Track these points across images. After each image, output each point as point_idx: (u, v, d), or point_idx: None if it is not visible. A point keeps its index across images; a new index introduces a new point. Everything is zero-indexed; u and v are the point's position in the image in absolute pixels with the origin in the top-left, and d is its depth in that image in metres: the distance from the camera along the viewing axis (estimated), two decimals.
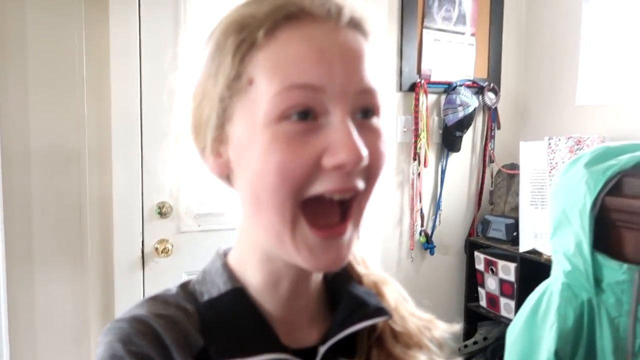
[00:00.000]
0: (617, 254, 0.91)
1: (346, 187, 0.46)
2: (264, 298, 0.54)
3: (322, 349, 0.53)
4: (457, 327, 0.61)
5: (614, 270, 0.89)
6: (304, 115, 0.45)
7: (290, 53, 0.45)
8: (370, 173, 0.48)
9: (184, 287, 0.56)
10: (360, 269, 0.62)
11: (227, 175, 0.52)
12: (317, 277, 0.57)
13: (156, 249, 1.90)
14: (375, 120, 0.49)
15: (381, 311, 0.56)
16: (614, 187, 0.92)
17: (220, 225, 1.96)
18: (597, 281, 0.92)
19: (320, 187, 0.46)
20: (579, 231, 0.93)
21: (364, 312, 0.55)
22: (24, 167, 1.69)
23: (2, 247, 1.63)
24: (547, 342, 0.95)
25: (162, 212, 1.90)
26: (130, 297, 1.86)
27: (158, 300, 0.53)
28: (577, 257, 0.94)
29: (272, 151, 0.45)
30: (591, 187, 0.92)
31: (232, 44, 0.47)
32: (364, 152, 0.45)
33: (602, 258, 0.91)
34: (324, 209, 0.48)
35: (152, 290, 0.53)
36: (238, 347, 0.50)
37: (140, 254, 1.89)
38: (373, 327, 0.57)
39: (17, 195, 1.68)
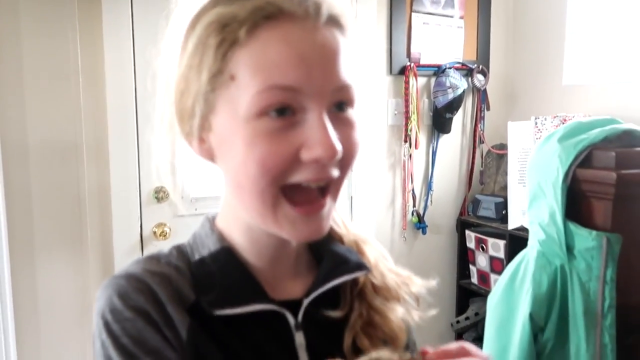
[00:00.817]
0: (587, 223, 0.97)
1: (322, 177, 0.51)
2: (250, 257, 0.58)
3: (306, 301, 0.57)
4: (433, 282, 0.66)
5: (584, 238, 0.94)
6: (282, 112, 0.49)
7: (270, 54, 0.48)
8: (345, 162, 0.52)
9: (177, 248, 0.60)
10: (340, 230, 0.66)
11: (211, 158, 0.56)
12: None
13: (154, 232, 1.96)
14: (350, 112, 0.53)
15: (361, 266, 0.60)
16: (585, 159, 0.97)
17: (218, 209, 2.01)
18: (569, 248, 0.97)
19: (298, 177, 0.50)
20: (553, 202, 0.98)
21: (345, 267, 0.59)
22: (23, 159, 1.73)
23: (5, 236, 1.68)
24: (523, 306, 1.00)
25: (159, 196, 1.96)
26: None
27: (152, 258, 0.57)
28: (550, 226, 0.99)
29: (253, 145, 0.49)
30: (563, 161, 0.98)
31: (215, 41, 0.49)
32: (339, 147, 0.49)
33: (573, 226, 0.96)
34: (302, 189, 0.52)
35: None
36: (228, 299, 0.54)
37: (139, 238, 1.94)
38: (355, 282, 0.61)
39: (18, 186, 1.73)
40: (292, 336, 0.56)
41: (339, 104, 0.52)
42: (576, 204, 0.98)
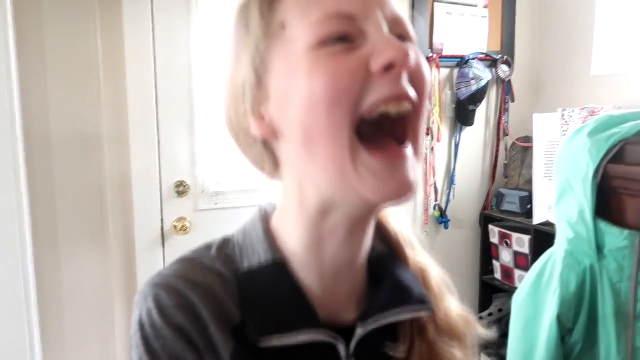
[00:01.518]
0: (618, 221, 0.93)
1: (399, 93, 0.45)
2: (307, 268, 0.52)
3: (360, 331, 0.51)
4: (494, 334, 0.60)
5: (615, 237, 0.90)
6: (342, 39, 0.45)
7: None
8: (418, 83, 0.46)
9: (223, 248, 0.54)
10: (409, 251, 0.60)
11: (274, 134, 0.50)
12: (363, 251, 0.54)
13: (175, 227, 1.96)
14: (411, 44, 0.49)
15: (424, 303, 0.54)
16: (616, 155, 0.93)
17: (237, 203, 2.01)
18: (599, 248, 0.93)
19: (373, 96, 0.44)
20: (582, 199, 0.94)
21: (406, 298, 0.54)
22: (46, 152, 1.75)
23: (28, 228, 1.70)
24: (550, 307, 0.97)
25: (180, 190, 1.96)
26: (151, 273, 1.93)
27: (196, 263, 0.52)
28: (579, 224, 0.95)
29: (317, 69, 0.44)
30: (594, 155, 0.93)
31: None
32: (410, 51, 0.44)
33: (604, 225, 0.92)
34: (379, 140, 0.46)
35: None
36: (276, 325, 0.49)
37: (160, 232, 1.95)
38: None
39: (41, 179, 1.75)
40: None
41: (400, 36, 0.47)
42: (607, 202, 0.94)
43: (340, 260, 0.52)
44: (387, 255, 0.57)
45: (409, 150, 0.47)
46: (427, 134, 2.27)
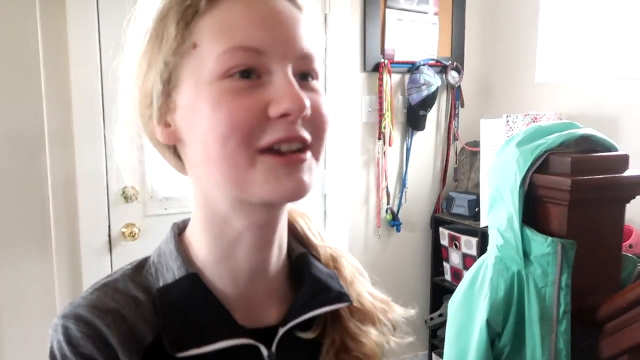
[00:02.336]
0: (543, 228, 0.97)
1: (293, 136, 0.47)
2: (220, 276, 0.54)
3: (282, 330, 0.54)
4: (412, 312, 0.64)
5: (540, 244, 0.94)
6: (247, 73, 0.47)
7: (232, 17, 0.48)
8: (316, 127, 0.50)
9: (138, 270, 0.56)
10: (316, 241, 0.63)
11: (177, 141, 0.52)
12: (280, 255, 0.57)
13: (123, 233, 1.93)
14: (315, 83, 0.51)
15: (342, 297, 0.57)
16: (541, 164, 0.97)
17: (188, 208, 1.98)
18: (526, 254, 0.97)
19: (268, 137, 0.47)
20: (510, 207, 0.98)
21: (325, 296, 0.56)
22: None
23: None
24: (481, 312, 1.00)
25: (128, 195, 1.93)
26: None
27: (109, 289, 0.53)
28: (508, 231, 0.99)
29: (220, 104, 0.46)
30: (521, 165, 0.97)
31: (176, 12, 0.49)
32: (307, 101, 0.47)
33: (530, 232, 0.96)
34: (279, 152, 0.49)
35: None
36: (193, 336, 0.50)
37: (107, 238, 1.91)
38: None
39: None
40: None
41: (304, 74, 0.50)
42: (533, 210, 0.98)
43: (251, 266, 0.54)
44: (304, 255, 0.60)
45: (307, 155, 0.49)
46: (379, 138, 2.31)
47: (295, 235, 0.63)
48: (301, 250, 0.60)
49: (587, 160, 0.95)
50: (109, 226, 1.92)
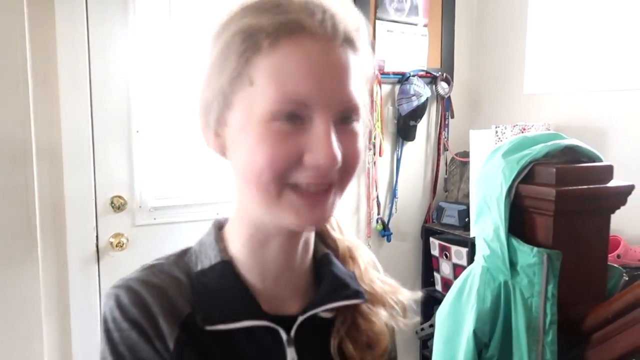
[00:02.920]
0: (529, 238, 0.97)
1: (322, 182, 0.54)
2: (250, 272, 0.61)
3: (301, 318, 0.61)
4: (419, 294, 0.70)
5: (526, 254, 0.94)
6: (292, 118, 0.53)
7: (288, 66, 0.52)
8: (346, 169, 0.56)
9: (182, 256, 0.64)
10: (335, 234, 0.70)
11: (222, 152, 0.60)
12: (305, 256, 0.64)
13: (111, 243, 1.91)
14: (355, 125, 0.57)
15: (359, 294, 0.64)
16: (527, 175, 0.97)
17: (177, 218, 1.98)
18: (513, 264, 0.97)
19: (300, 177, 0.53)
20: (497, 217, 0.98)
21: (343, 292, 0.63)
22: None
23: None
24: (468, 322, 1.00)
25: (117, 205, 1.92)
26: (85, 292, 1.88)
27: (155, 269, 0.61)
28: (494, 242, 0.99)
29: (264, 142, 0.53)
30: (506, 176, 0.97)
31: (239, 47, 0.54)
32: (339, 156, 0.53)
33: (516, 242, 0.96)
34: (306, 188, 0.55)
35: (109, 283, 0.60)
36: (221, 314, 0.58)
37: (95, 248, 1.90)
38: None
39: None
40: (285, 351, 0.60)
41: (345, 118, 0.55)
42: (519, 220, 0.98)
43: (278, 264, 0.62)
44: (327, 255, 0.67)
45: (331, 194, 0.56)
46: (370, 149, 2.31)
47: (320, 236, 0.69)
48: (324, 251, 0.67)
49: (572, 170, 0.96)
50: (97, 236, 1.90)
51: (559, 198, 0.91)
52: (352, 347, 0.62)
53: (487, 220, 1.01)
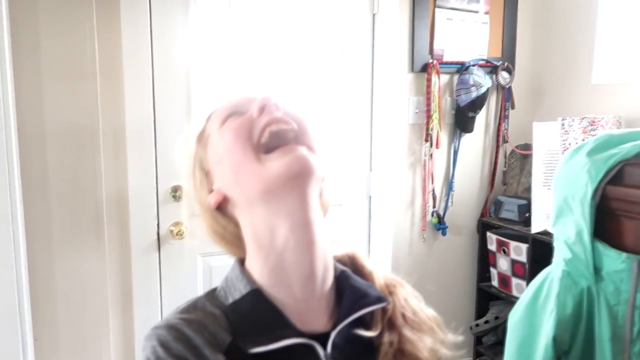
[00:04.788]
0: (616, 243, 0.92)
1: (272, 118, 0.64)
2: (278, 295, 0.64)
3: (333, 333, 0.63)
4: (461, 338, 0.69)
5: (613, 259, 0.90)
6: (234, 114, 0.67)
7: (223, 108, 0.69)
8: (296, 122, 0.65)
9: (211, 294, 0.68)
10: (370, 268, 0.72)
11: (226, 205, 0.68)
12: (326, 275, 0.66)
13: (171, 231, 1.95)
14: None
15: (381, 299, 0.66)
16: (615, 176, 0.92)
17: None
18: (597, 269, 0.92)
19: (257, 126, 0.63)
20: (580, 220, 0.93)
21: (365, 300, 0.65)
22: (41, 154, 1.73)
23: (22, 232, 1.69)
24: (546, 328, 0.96)
25: (177, 195, 1.95)
26: (147, 278, 1.93)
27: (189, 308, 0.64)
28: (577, 245, 0.94)
29: (223, 131, 0.65)
30: (592, 176, 0.92)
31: (192, 142, 0.71)
32: (271, 98, 0.65)
33: (602, 247, 0.91)
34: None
35: (168, 271, 0.62)
36: (262, 337, 0.60)
37: (156, 236, 1.94)
38: (385, 310, 0.67)
39: (35, 182, 1.73)
40: None
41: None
42: (605, 223, 0.93)
43: (301, 269, 0.63)
44: (344, 271, 0.69)
45: (302, 147, 0.62)
46: (426, 140, 2.26)
47: (350, 262, 0.73)
48: (341, 269, 0.70)
49: None
50: (158, 225, 1.94)
51: None
52: None
53: (569, 222, 0.96)
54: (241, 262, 0.69)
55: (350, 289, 0.66)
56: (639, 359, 0.89)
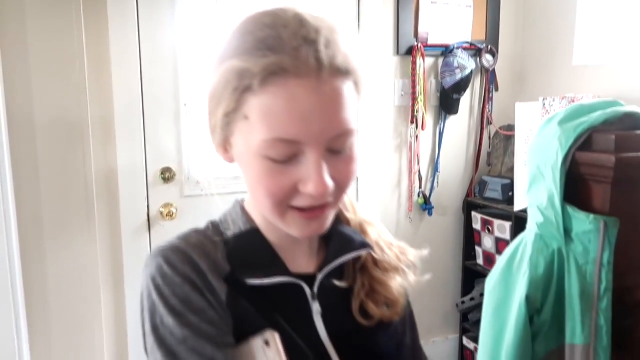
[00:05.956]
0: (585, 206, 0.96)
1: (316, 206, 0.61)
2: (272, 238, 0.68)
3: (320, 275, 0.68)
4: (425, 252, 0.76)
5: (582, 221, 0.94)
6: (284, 158, 0.58)
7: (276, 108, 0.55)
8: (340, 188, 0.61)
9: (213, 224, 0.70)
10: (349, 215, 0.76)
11: (232, 162, 0.66)
12: None
13: (161, 213, 1.99)
14: (348, 149, 0.61)
15: (365, 245, 0.71)
16: (584, 143, 0.96)
17: (223, 189, 2.02)
18: (567, 232, 0.97)
19: (298, 203, 0.60)
20: (552, 185, 0.98)
21: (351, 245, 0.70)
22: (30, 140, 1.75)
23: (14, 216, 1.72)
24: (520, 289, 1.01)
25: (166, 177, 1.98)
26: (137, 260, 1.96)
27: (192, 234, 0.66)
28: (549, 209, 0.99)
29: (261, 179, 0.59)
30: (563, 143, 0.96)
31: (233, 85, 0.57)
32: (330, 185, 0.58)
33: (571, 210, 0.95)
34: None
35: None
36: (257, 272, 0.64)
37: (146, 218, 1.97)
38: (358, 257, 0.72)
39: (25, 167, 1.75)
40: (310, 305, 0.66)
41: (337, 145, 0.59)
42: (575, 188, 0.98)
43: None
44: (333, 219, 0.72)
45: (327, 209, 0.62)
46: (412, 122, 2.30)
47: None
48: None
49: (632, 138, 0.94)
50: (148, 206, 1.98)
51: (619, 165, 0.91)
52: (372, 307, 0.69)
53: (541, 189, 1.01)
54: (242, 200, 0.73)
55: (337, 234, 0.71)
56: (605, 314, 0.94)
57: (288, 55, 0.54)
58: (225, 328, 0.61)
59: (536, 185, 1.03)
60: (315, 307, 0.66)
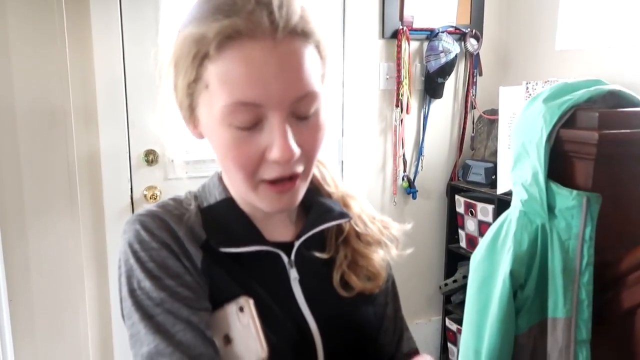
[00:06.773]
0: (568, 183, 0.98)
1: (285, 175, 0.60)
2: (247, 208, 0.69)
3: (297, 243, 0.68)
4: (408, 226, 0.78)
5: (565, 197, 0.96)
6: (247, 123, 0.57)
7: (233, 72, 0.55)
8: (308, 158, 0.61)
9: (191, 193, 0.71)
10: (330, 189, 0.76)
11: (202, 138, 0.65)
12: None
13: (145, 195, 1.97)
14: (313, 113, 0.60)
15: (343, 215, 0.72)
16: (568, 120, 0.97)
17: (208, 172, 2.01)
18: (550, 208, 0.98)
19: (267, 174, 0.59)
20: (536, 162, 0.99)
21: (330, 215, 0.71)
22: (11, 124, 1.72)
23: None
24: (504, 264, 1.02)
25: (149, 159, 1.96)
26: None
27: (169, 202, 0.68)
28: (533, 186, 1.00)
29: (228, 150, 0.59)
30: (547, 121, 0.98)
31: (191, 53, 0.57)
32: (296, 150, 0.57)
33: (555, 186, 0.97)
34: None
35: None
36: (232, 240, 0.65)
37: (130, 201, 1.95)
38: (340, 230, 0.73)
39: (6, 149, 1.72)
40: (287, 272, 0.67)
41: (302, 108, 0.58)
42: (558, 164, 0.99)
43: None
44: (313, 190, 0.74)
45: (297, 182, 0.62)
46: (397, 106, 2.31)
47: (312, 183, 0.73)
48: (311, 187, 0.72)
49: (615, 115, 0.96)
50: (131, 189, 1.96)
51: (601, 142, 0.92)
52: (354, 279, 0.70)
53: (526, 166, 1.02)
54: (220, 172, 0.73)
55: (316, 204, 0.72)
56: (587, 288, 0.96)
57: (241, 18, 0.54)
58: (201, 293, 0.61)
59: (521, 162, 1.04)
60: (293, 274, 0.67)
